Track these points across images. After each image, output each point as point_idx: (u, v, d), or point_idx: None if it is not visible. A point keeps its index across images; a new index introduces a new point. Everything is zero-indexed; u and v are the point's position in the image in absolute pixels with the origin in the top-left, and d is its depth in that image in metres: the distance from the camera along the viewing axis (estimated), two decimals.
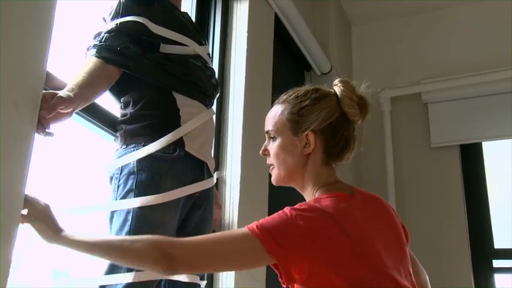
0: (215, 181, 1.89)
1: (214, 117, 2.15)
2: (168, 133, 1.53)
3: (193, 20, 2.26)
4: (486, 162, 3.40)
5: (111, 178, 1.53)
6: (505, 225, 3.25)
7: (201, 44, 1.76)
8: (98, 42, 1.51)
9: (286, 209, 1.19)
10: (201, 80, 1.70)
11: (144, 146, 1.51)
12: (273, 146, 1.38)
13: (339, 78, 1.39)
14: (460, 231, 3.23)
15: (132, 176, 1.48)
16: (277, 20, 2.70)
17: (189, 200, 1.60)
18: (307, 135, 1.32)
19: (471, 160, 3.41)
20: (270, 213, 2.26)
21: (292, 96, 1.38)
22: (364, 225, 1.24)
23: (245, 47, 2.30)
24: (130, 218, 1.43)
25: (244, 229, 1.17)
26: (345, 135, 1.35)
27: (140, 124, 1.55)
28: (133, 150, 1.51)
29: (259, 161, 2.29)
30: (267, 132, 1.41)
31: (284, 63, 3.02)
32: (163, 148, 1.52)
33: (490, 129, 3.41)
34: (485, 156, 3.42)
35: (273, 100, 2.44)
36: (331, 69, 3.27)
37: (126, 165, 1.50)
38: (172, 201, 1.50)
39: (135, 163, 1.49)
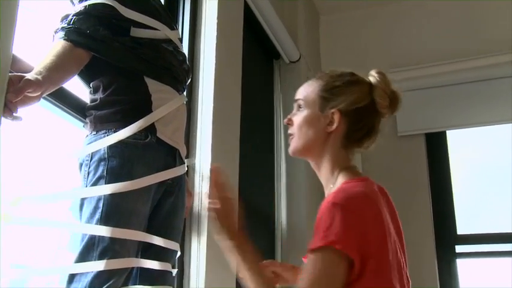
0: (186, 168, 1.87)
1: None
2: (139, 119, 1.50)
3: (163, 5, 2.22)
4: (450, 151, 3.47)
5: (81, 165, 1.49)
6: (467, 212, 3.33)
7: (172, 28, 1.73)
8: (66, 25, 1.46)
9: (339, 207, 1.19)
10: (172, 65, 1.67)
11: (114, 132, 1.48)
12: (298, 117, 1.40)
13: (376, 69, 1.43)
14: (425, 218, 3.29)
15: (102, 163, 1.45)
16: (247, 8, 2.68)
17: (161, 187, 1.58)
18: (332, 113, 1.35)
19: (436, 148, 3.48)
20: (239, 203, 2.27)
21: (327, 75, 1.41)
22: (389, 222, 1.29)
23: (215, 34, 2.27)
24: (101, 205, 1.39)
25: (329, 249, 1.16)
26: (370, 124, 1.38)
27: (111, 110, 1.51)
28: (104, 137, 1.47)
29: (229, 150, 2.29)
30: (296, 100, 1.42)
31: (253, 51, 3.00)
32: (135, 134, 1.49)
33: (454, 118, 3.48)
34: (449, 145, 3.49)
35: (242, 86, 2.46)
36: (299, 58, 3.27)
37: (97, 151, 1.46)
38: (144, 188, 1.48)
39: (106, 149, 1.46)
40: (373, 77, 1.40)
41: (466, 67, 3.47)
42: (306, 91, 1.41)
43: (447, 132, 3.51)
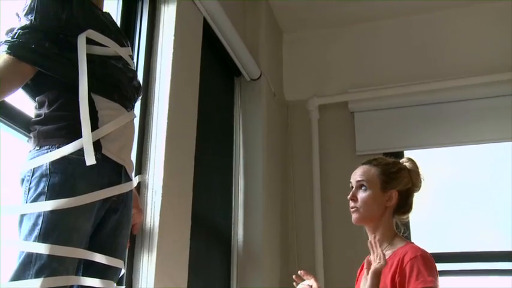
0: (135, 184, 1.86)
1: (137, 120, 2.14)
2: None
3: (119, 21, 2.22)
4: None
5: (23, 180, 1.47)
6: (422, 230, 3.39)
7: (122, 45, 1.73)
8: (10, 39, 1.45)
9: (425, 253, 1.68)
10: (121, 82, 1.67)
11: (58, 148, 1.46)
12: (363, 195, 1.81)
13: (407, 157, 1.94)
14: None
15: (44, 179, 1.43)
16: (206, 25, 2.70)
17: (105, 203, 1.57)
18: (391, 192, 1.80)
19: None
20: (193, 218, 2.27)
21: (383, 162, 1.85)
22: None
23: (171, 50, 2.27)
24: (40, 221, 1.38)
25: None
26: (411, 200, 1.86)
27: (55, 125, 1.50)
28: (47, 152, 1.46)
29: (183, 166, 2.29)
30: (358, 181, 1.83)
31: (213, 68, 3.02)
32: (79, 150, 1.48)
33: (412, 139, 3.55)
34: None
35: (201, 103, 2.46)
36: (260, 76, 3.30)
37: (39, 167, 1.45)
38: (86, 204, 1.47)
39: (48, 165, 1.44)
40: (408, 163, 1.89)
41: (424, 89, 3.56)
42: (367, 175, 1.82)
43: (405, 152, 3.57)
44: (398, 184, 1.81)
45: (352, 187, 1.87)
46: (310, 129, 3.66)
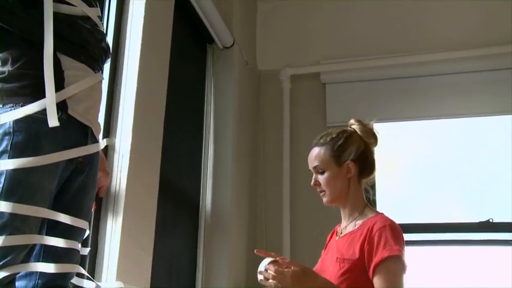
0: (102, 147, 1.85)
1: (106, 83, 2.12)
2: None
3: None
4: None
5: None
6: (388, 204, 3.46)
7: (91, 5, 1.69)
8: None
9: (394, 224, 1.72)
10: (89, 43, 1.65)
11: (22, 106, 1.45)
12: (323, 178, 1.84)
13: (354, 119, 1.93)
14: None
15: (7, 137, 1.41)
16: None
17: (70, 164, 1.56)
18: (347, 164, 1.81)
19: None
20: (161, 183, 2.28)
21: (329, 139, 1.85)
22: None
23: (142, 13, 2.24)
24: (2, 180, 1.37)
25: (400, 262, 1.65)
26: (370, 159, 1.87)
27: (19, 83, 1.47)
28: (10, 110, 1.44)
29: (152, 131, 2.28)
30: (315, 167, 1.85)
31: (185, 34, 2.99)
32: (44, 110, 1.46)
33: (383, 112, 3.59)
34: None
35: (171, 70, 2.45)
36: (233, 44, 3.28)
37: (2, 125, 1.42)
38: (51, 165, 1.46)
39: (12, 124, 1.42)
40: (355, 125, 1.89)
41: (397, 63, 3.60)
42: (319, 158, 1.84)
43: (374, 125, 3.61)
44: (350, 154, 1.82)
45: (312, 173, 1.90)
46: (281, 99, 3.68)
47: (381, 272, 1.63)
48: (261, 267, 1.72)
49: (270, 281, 1.65)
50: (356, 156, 1.82)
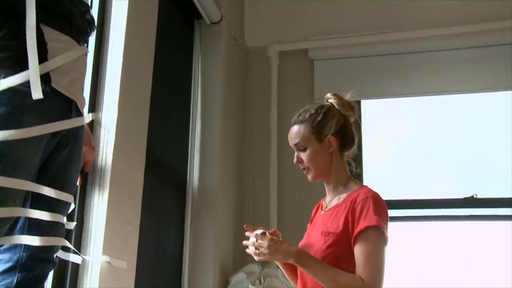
0: (87, 121, 1.83)
1: (91, 56, 2.10)
2: None
3: None
4: (363, 120, 3.59)
5: None
6: (375, 180, 3.48)
7: None
8: None
9: (376, 195, 1.73)
10: (73, 15, 1.62)
11: (4, 78, 1.43)
12: (305, 155, 1.83)
13: (331, 93, 1.89)
14: None
15: None
16: None
17: (54, 138, 1.55)
18: (328, 139, 1.81)
19: None
20: (148, 159, 2.28)
21: (307, 116, 1.83)
22: None
23: None
24: None
25: (379, 233, 1.65)
26: (350, 131, 1.86)
27: (0, 55, 1.46)
28: None
29: (138, 105, 2.27)
30: (296, 144, 1.84)
31: (172, 9, 2.96)
32: (27, 82, 1.45)
33: (371, 89, 3.60)
34: (362, 114, 3.61)
35: (157, 45, 2.43)
36: (221, 19, 3.25)
37: None
38: (34, 137, 1.45)
39: None
40: (332, 99, 1.86)
41: (385, 39, 3.60)
42: (300, 135, 1.82)
43: (362, 101, 3.62)
44: (330, 128, 1.81)
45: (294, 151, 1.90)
46: (269, 75, 3.67)
47: (360, 241, 1.65)
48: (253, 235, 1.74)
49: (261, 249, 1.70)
50: (336, 130, 1.82)
